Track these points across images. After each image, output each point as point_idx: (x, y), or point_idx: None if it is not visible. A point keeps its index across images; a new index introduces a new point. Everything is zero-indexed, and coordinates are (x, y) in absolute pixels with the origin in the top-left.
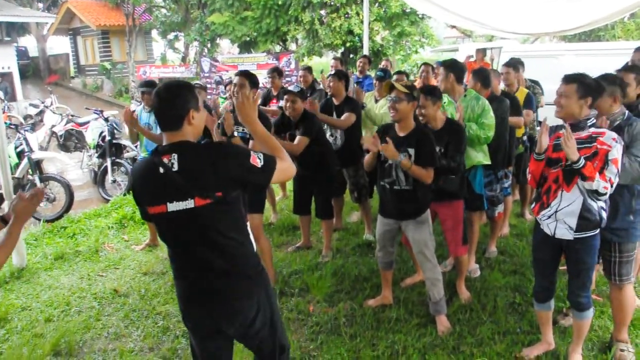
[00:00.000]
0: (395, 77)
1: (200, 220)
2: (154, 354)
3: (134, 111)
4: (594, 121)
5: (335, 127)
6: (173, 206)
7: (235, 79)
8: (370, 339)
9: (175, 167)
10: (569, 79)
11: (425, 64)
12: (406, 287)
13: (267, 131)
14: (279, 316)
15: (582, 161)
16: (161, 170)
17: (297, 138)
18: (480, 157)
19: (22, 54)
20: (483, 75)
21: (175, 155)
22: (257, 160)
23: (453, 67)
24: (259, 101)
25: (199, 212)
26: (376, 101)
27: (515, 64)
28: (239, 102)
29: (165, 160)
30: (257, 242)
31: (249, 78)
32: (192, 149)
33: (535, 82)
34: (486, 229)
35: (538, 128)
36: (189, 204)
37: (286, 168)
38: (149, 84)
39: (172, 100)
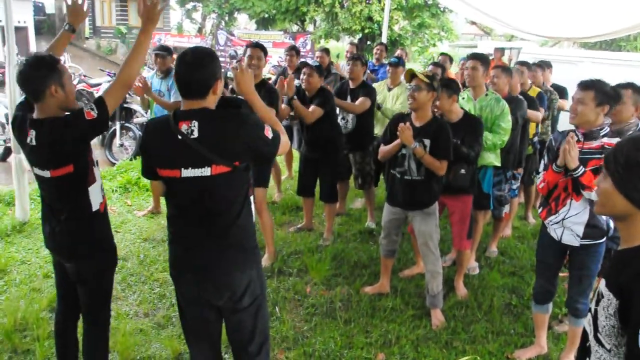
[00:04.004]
0: (430, 67)
1: (211, 187)
2: (149, 319)
3: (144, 78)
4: (607, 131)
5: (349, 112)
6: (188, 172)
7: (250, 51)
8: (365, 326)
9: (195, 134)
10: (586, 86)
11: (443, 54)
12: (404, 277)
13: (264, 105)
14: (266, 301)
15: (581, 169)
16: (179, 136)
17: (312, 107)
18: (491, 158)
19: (38, 9)
20: (510, 71)
21: (195, 123)
22: (269, 132)
23: (487, 64)
24: (274, 78)
25: (213, 179)
26: (389, 90)
27: (528, 63)
28: (238, 74)
29: (185, 126)
30: (259, 216)
31: (264, 50)
32: (213, 116)
33: (561, 88)
34: (488, 229)
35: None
36: (205, 171)
37: (285, 143)
38: (164, 48)
39: (202, 67)
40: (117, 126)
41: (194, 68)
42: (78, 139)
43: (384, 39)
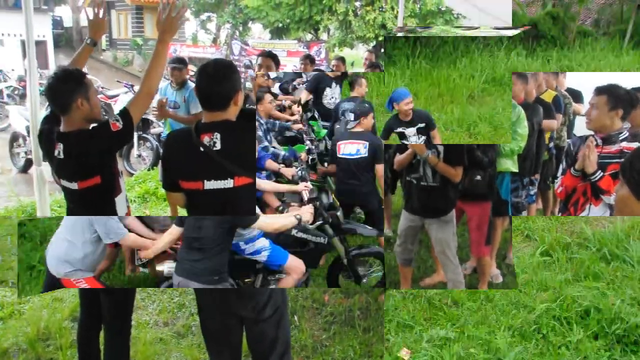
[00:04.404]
0: None
1: (234, 199)
2: (169, 329)
3: (164, 99)
4: (627, 135)
5: None
6: (210, 184)
7: (260, 60)
8: (384, 334)
9: (218, 147)
10: (600, 90)
11: None
12: (425, 286)
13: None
14: (288, 311)
15: (600, 174)
16: (201, 149)
17: None
18: (509, 164)
19: (56, 23)
20: (526, 77)
21: (217, 135)
22: None
23: None
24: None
25: (235, 191)
26: None
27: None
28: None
29: (207, 139)
30: None
31: (274, 59)
32: (234, 128)
33: (577, 93)
34: (507, 235)
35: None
36: (228, 183)
37: None
38: (179, 60)
39: (223, 79)
40: (135, 137)
41: (215, 80)
42: (104, 150)
43: None
